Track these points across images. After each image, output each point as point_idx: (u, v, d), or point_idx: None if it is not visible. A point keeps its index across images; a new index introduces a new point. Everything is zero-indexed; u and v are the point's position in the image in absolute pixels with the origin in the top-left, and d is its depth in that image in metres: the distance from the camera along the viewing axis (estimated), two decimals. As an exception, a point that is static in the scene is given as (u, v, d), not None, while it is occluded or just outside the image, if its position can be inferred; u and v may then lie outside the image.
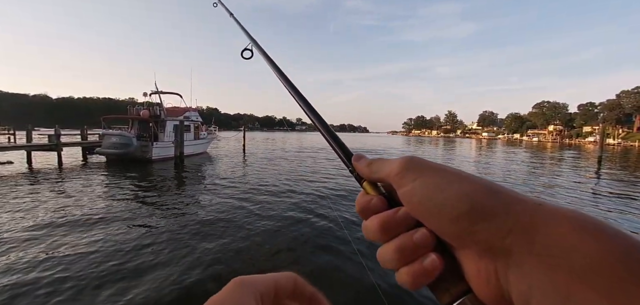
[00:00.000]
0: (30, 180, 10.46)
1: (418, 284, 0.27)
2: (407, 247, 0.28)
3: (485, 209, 0.24)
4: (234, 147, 26.99)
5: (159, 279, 3.85)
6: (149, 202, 7.85)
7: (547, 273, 0.21)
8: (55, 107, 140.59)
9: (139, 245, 4.87)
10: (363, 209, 0.32)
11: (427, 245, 0.27)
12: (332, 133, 0.41)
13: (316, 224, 6.03)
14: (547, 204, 0.23)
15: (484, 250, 0.24)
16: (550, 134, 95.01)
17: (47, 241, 4.99)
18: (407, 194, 0.29)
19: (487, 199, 0.24)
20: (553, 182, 12.78)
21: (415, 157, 0.31)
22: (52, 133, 14.76)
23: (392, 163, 0.31)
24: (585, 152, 37.36)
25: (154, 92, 19.57)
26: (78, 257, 4.41)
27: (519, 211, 0.23)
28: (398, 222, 0.29)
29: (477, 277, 0.25)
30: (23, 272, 3.97)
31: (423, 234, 0.27)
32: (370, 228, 0.31)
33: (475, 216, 0.24)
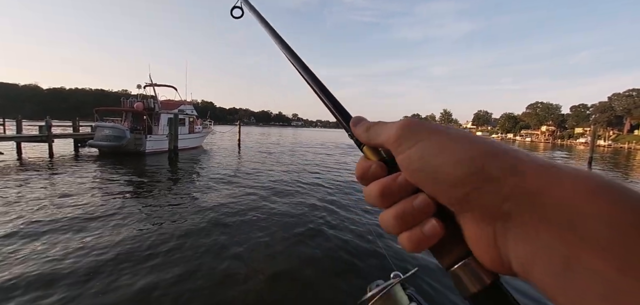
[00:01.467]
0: (19, 172, 10.25)
1: (419, 248, 0.27)
2: (408, 213, 0.27)
3: (484, 173, 0.23)
4: (229, 142, 26.83)
5: (153, 274, 3.81)
6: (141, 195, 7.76)
7: (551, 238, 0.20)
8: (47, 98, 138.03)
9: (130, 240, 4.81)
10: (363, 175, 0.32)
11: (428, 211, 0.27)
12: (330, 94, 0.39)
13: (307, 216, 6.02)
14: (556, 164, 0.22)
15: (484, 214, 0.23)
16: (543, 134, 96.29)
17: (34, 236, 4.89)
18: (405, 160, 0.28)
19: (486, 161, 0.23)
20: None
21: (413, 120, 0.29)
22: (42, 124, 14.47)
23: (390, 128, 0.30)
24: (577, 152, 37.89)
25: (148, 84, 19.28)
26: (67, 252, 4.33)
27: (521, 173, 0.22)
28: (398, 189, 0.28)
29: (478, 241, 0.24)
30: (10, 266, 3.89)
31: (423, 200, 0.27)
32: (370, 194, 0.30)
33: (474, 180, 0.23)
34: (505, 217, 0.22)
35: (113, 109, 19.23)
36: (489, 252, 0.24)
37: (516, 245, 0.22)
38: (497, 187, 0.22)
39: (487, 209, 0.23)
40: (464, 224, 0.26)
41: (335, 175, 11.60)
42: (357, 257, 4.44)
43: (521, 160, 0.23)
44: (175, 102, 20.50)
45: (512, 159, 0.23)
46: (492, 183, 0.23)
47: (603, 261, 0.17)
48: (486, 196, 0.23)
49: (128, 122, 17.97)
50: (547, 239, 0.20)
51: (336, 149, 24.88)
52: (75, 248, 4.42)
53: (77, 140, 17.17)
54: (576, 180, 0.20)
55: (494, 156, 0.24)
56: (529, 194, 0.21)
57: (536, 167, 0.22)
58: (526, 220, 0.21)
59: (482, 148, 0.24)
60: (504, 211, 0.22)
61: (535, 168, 0.22)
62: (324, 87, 0.40)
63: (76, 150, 16.33)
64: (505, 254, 0.23)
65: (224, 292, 3.52)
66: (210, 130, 25.08)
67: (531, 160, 0.23)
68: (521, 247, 0.21)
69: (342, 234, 5.29)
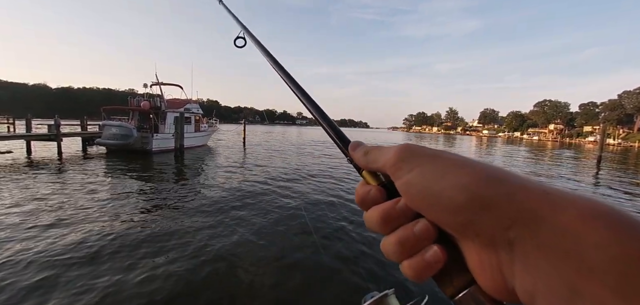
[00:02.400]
0: (29, 170, 10.44)
1: (421, 277, 0.26)
2: (408, 240, 0.27)
3: (485, 199, 0.23)
4: (234, 140, 26.97)
5: (158, 270, 3.87)
6: (148, 193, 7.85)
7: (553, 267, 0.19)
8: (55, 97, 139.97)
9: (137, 237, 4.88)
10: (363, 200, 0.31)
11: (428, 237, 0.26)
12: (329, 120, 0.40)
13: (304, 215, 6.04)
14: (555, 190, 0.22)
15: (487, 242, 0.23)
16: (550, 132, 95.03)
17: (45, 232, 4.99)
18: (404, 186, 0.28)
19: (486, 188, 0.23)
20: (550, 179, 12.77)
21: (412, 145, 0.29)
22: (51, 123, 14.71)
23: (388, 152, 0.30)
24: (585, 151, 37.34)
25: (154, 83, 19.43)
26: (75, 248, 4.41)
27: (522, 200, 0.22)
28: (398, 214, 0.28)
29: (481, 269, 0.24)
30: (22, 263, 3.98)
31: (423, 226, 0.26)
32: (371, 220, 0.30)
33: (475, 207, 0.23)
34: (509, 244, 0.22)
35: (120, 108, 19.39)
36: (493, 280, 0.23)
37: (521, 274, 0.21)
38: (499, 214, 0.22)
39: (491, 236, 0.23)
40: (466, 250, 0.25)
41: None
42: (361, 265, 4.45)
43: (523, 186, 0.22)
44: (181, 100, 20.61)
45: (513, 184, 0.23)
46: (494, 209, 0.22)
47: (606, 290, 0.17)
48: (489, 223, 0.22)
49: (135, 120, 18.16)
50: (551, 268, 0.19)
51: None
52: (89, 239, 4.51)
53: (85, 139, 17.40)
54: (576, 206, 0.20)
55: (495, 182, 0.23)
56: (531, 221, 0.21)
57: (538, 192, 0.22)
58: (530, 248, 0.21)
59: (482, 173, 0.24)
60: (508, 239, 0.22)
61: (537, 194, 0.22)
62: (322, 112, 0.41)
63: (84, 149, 16.57)
64: (510, 282, 0.22)
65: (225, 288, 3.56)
66: (216, 129, 25.21)
67: (533, 186, 0.22)
68: (526, 275, 0.21)
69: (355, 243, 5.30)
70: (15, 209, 6.01)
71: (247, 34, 0.73)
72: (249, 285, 3.68)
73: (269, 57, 0.57)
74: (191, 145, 18.70)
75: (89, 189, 7.92)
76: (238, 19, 0.80)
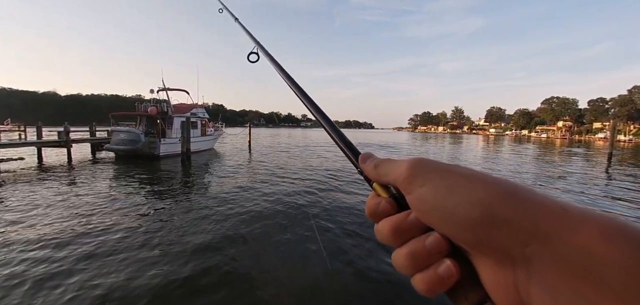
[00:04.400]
0: (41, 176, 10.65)
1: (434, 292, 0.26)
2: (420, 253, 0.26)
3: (501, 215, 0.22)
4: (239, 144, 27.14)
5: (167, 272, 3.92)
6: (157, 198, 7.96)
7: (572, 286, 0.19)
8: (64, 104, 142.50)
9: (148, 239, 4.95)
10: (373, 212, 0.31)
11: (440, 251, 0.26)
12: (339, 131, 0.40)
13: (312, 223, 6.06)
14: (572, 206, 0.21)
15: (502, 258, 0.23)
16: (559, 130, 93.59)
17: (60, 236, 5.09)
18: (416, 200, 0.27)
19: (502, 203, 0.23)
20: (560, 178, 12.59)
21: (423, 159, 0.29)
22: (61, 130, 14.99)
23: (400, 166, 0.29)
24: (595, 148, 36.71)
25: (161, 88, 19.66)
26: (89, 251, 4.50)
27: (540, 216, 0.21)
28: (409, 227, 0.28)
29: (496, 286, 0.23)
30: (36, 264, 4.07)
31: (435, 239, 0.26)
32: (381, 232, 0.30)
33: (490, 223, 0.22)
34: (526, 262, 0.21)
35: (128, 114, 19.65)
36: (508, 298, 0.23)
37: (538, 292, 0.21)
38: (516, 230, 0.22)
39: (507, 253, 0.22)
40: (480, 266, 0.25)
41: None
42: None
43: (539, 202, 0.22)
44: (188, 105, 20.83)
45: (530, 200, 0.22)
46: (511, 226, 0.22)
47: None
48: (505, 239, 0.22)
49: (143, 126, 18.39)
50: (569, 287, 0.19)
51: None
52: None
53: (94, 145, 17.69)
54: (596, 224, 0.19)
55: (511, 197, 0.23)
56: (550, 239, 0.20)
57: (555, 209, 0.21)
58: (548, 266, 0.20)
59: (497, 188, 0.24)
60: (526, 256, 0.21)
61: (555, 210, 0.21)
62: (333, 125, 0.41)
63: (93, 155, 16.84)
64: (526, 301, 0.22)
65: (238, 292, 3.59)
66: (221, 133, 25.39)
67: (550, 202, 0.22)
68: (544, 294, 0.20)
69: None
70: (31, 213, 6.15)
71: (261, 50, 0.75)
72: (253, 291, 3.71)
73: (282, 72, 0.60)
74: (198, 149, 18.86)
75: (98, 193, 8.06)
76: (253, 37, 0.83)
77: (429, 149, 28.53)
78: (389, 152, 23.53)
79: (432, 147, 31.48)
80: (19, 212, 6.31)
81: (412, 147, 30.51)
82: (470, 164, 17.18)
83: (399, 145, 32.70)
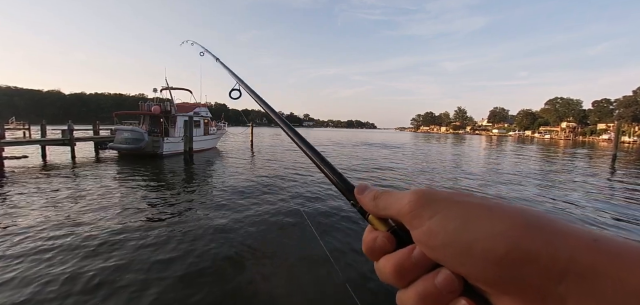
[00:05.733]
0: (45, 173, 10.72)
1: None
2: (430, 294, 0.24)
3: (529, 249, 0.20)
4: (242, 143, 27.20)
5: (170, 271, 3.94)
6: (160, 196, 7.99)
7: None
8: (68, 103, 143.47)
9: (150, 237, 4.98)
10: (370, 249, 0.28)
11: (454, 290, 0.23)
12: (330, 165, 0.37)
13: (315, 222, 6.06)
14: (605, 237, 0.20)
15: (531, 298, 0.20)
16: (563, 131, 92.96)
17: (62, 234, 5.12)
18: (424, 235, 0.24)
19: (527, 236, 0.20)
20: (563, 179, 12.52)
21: (430, 190, 0.26)
22: (65, 128, 15.11)
23: (403, 198, 0.27)
24: (599, 149, 36.44)
25: (164, 88, 19.75)
26: (91, 250, 4.53)
27: (572, 249, 0.19)
28: (415, 264, 0.25)
29: None
30: (40, 263, 4.11)
31: (447, 278, 0.23)
32: (383, 272, 0.27)
33: (517, 259, 0.20)
34: (559, 300, 0.19)
35: (131, 113, 19.76)
36: None
37: None
38: (546, 266, 0.19)
39: (537, 290, 0.20)
40: None
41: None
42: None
43: (569, 233, 0.20)
44: (191, 104, 20.89)
45: (557, 231, 0.20)
46: (539, 261, 0.20)
47: None
48: (534, 276, 0.20)
49: (146, 125, 18.49)
50: None
51: (358, 146, 24.84)
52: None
53: (98, 143, 17.79)
54: (635, 256, 0.18)
55: (536, 228, 0.21)
56: (588, 275, 0.18)
57: (587, 240, 0.19)
58: (583, 304, 0.18)
59: (522, 218, 0.21)
60: (560, 294, 0.19)
61: (587, 242, 0.19)
62: (323, 158, 0.39)
63: (97, 153, 16.94)
64: None
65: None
66: (224, 132, 25.46)
67: (580, 233, 0.20)
68: None
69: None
70: (34, 212, 6.20)
71: (243, 85, 0.76)
72: (254, 288, 3.72)
73: (265, 106, 0.61)
74: (200, 148, 18.90)
75: (102, 191, 8.11)
76: (234, 73, 0.85)
77: (432, 149, 28.42)
78: (392, 151, 23.50)
79: (434, 147, 31.36)
80: (28, 208, 6.36)
81: (414, 147, 30.40)
82: (475, 165, 17.12)
83: (402, 145, 32.59)
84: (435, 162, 17.90)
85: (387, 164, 15.93)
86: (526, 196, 9.12)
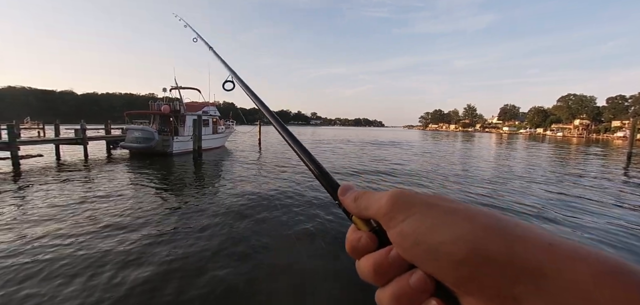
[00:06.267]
0: (59, 172, 11.00)
1: None
2: (405, 293, 0.25)
3: (486, 253, 0.21)
4: (250, 141, 27.38)
5: (174, 265, 4.02)
6: (172, 194, 8.14)
7: None
8: (81, 102, 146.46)
9: (163, 234, 5.08)
10: (353, 248, 0.29)
11: (426, 290, 0.24)
12: (315, 161, 0.38)
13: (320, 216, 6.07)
14: (561, 241, 0.20)
15: (490, 299, 0.21)
16: (575, 128, 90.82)
17: (77, 229, 5.26)
18: (397, 236, 0.26)
19: (487, 240, 0.21)
20: (574, 180, 12.25)
21: (404, 191, 0.27)
22: (78, 128, 15.45)
23: (380, 199, 0.28)
24: (613, 147, 35.52)
25: (173, 87, 20.00)
26: (106, 246, 4.64)
27: (526, 252, 0.20)
28: (391, 264, 0.26)
29: None
30: (59, 259, 4.23)
31: (420, 278, 0.24)
32: (363, 270, 0.28)
33: (476, 261, 0.21)
34: (515, 302, 0.20)
35: (142, 112, 20.05)
36: None
37: None
38: (502, 268, 0.20)
39: (494, 293, 0.21)
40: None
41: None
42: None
43: (525, 236, 0.21)
44: (199, 103, 21.07)
45: (515, 235, 0.21)
46: (497, 264, 0.21)
47: None
48: (492, 278, 0.21)
49: (156, 124, 18.77)
50: None
51: (367, 144, 24.77)
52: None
53: (109, 142, 18.15)
54: (587, 262, 0.19)
55: (496, 232, 0.22)
56: (538, 277, 0.19)
57: (542, 244, 0.20)
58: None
59: (482, 222, 0.22)
60: (514, 295, 0.20)
61: (542, 246, 0.20)
62: (309, 154, 0.40)
63: (108, 152, 17.29)
64: None
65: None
66: (232, 131, 25.66)
67: (536, 237, 0.21)
68: None
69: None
70: (51, 210, 6.37)
71: (236, 78, 0.78)
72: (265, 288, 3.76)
73: (255, 99, 0.63)
74: (209, 146, 19.09)
75: (117, 189, 8.28)
76: (227, 65, 0.85)
77: (441, 148, 28.14)
78: (400, 150, 23.35)
79: (443, 147, 31.04)
80: (48, 205, 6.55)
81: (421, 143, 30.15)
82: (485, 162, 16.89)
83: (410, 143, 32.35)
84: (455, 163, 17.71)
85: (404, 168, 15.81)
86: (535, 199, 8.97)
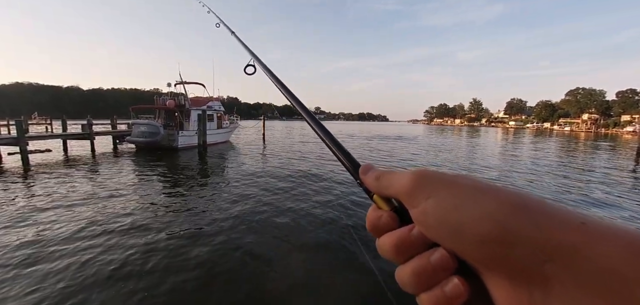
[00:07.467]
0: (67, 166, 11.11)
1: None
2: (425, 271, 0.25)
3: (514, 230, 0.21)
4: (254, 136, 27.43)
5: (181, 259, 4.04)
6: (178, 186, 8.17)
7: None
8: (87, 98, 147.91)
9: (167, 229, 5.11)
10: (374, 226, 0.30)
11: (447, 268, 0.24)
12: (337, 142, 0.39)
13: (325, 216, 6.05)
14: (592, 219, 0.20)
15: (517, 277, 0.21)
16: (584, 123, 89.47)
17: (87, 223, 5.31)
18: (420, 215, 0.26)
19: (514, 217, 0.21)
20: (582, 176, 12.07)
21: (427, 170, 0.27)
22: (84, 123, 15.58)
23: (402, 177, 0.28)
24: (622, 142, 34.96)
25: (178, 82, 20.05)
26: (114, 241, 4.68)
27: (558, 231, 0.20)
28: (413, 242, 0.26)
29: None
30: (67, 254, 4.28)
31: (441, 256, 0.24)
32: (383, 248, 0.28)
33: (503, 239, 0.21)
34: (545, 281, 0.20)
35: (147, 107, 20.15)
36: None
37: None
38: (532, 247, 0.20)
39: (523, 271, 0.21)
40: (492, 285, 0.23)
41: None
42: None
43: (556, 216, 0.21)
44: (204, 98, 21.10)
45: (546, 213, 0.21)
46: (526, 242, 0.20)
47: None
48: (521, 257, 0.20)
49: (161, 119, 18.86)
50: None
51: (374, 139, 24.65)
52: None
53: (116, 137, 18.29)
54: (621, 239, 0.18)
55: (525, 210, 0.21)
56: (570, 256, 0.19)
57: (575, 223, 0.20)
58: (569, 285, 0.19)
59: (509, 200, 0.22)
60: (544, 275, 0.20)
61: (574, 224, 0.20)
62: (331, 135, 0.41)
63: (115, 147, 17.43)
64: None
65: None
66: (237, 125, 25.71)
67: (568, 216, 0.21)
68: None
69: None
70: (63, 201, 6.44)
71: (258, 62, 0.76)
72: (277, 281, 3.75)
73: (278, 83, 0.61)
74: (214, 141, 19.18)
75: (125, 182, 8.35)
76: (250, 49, 0.84)
77: (446, 142, 27.92)
78: (405, 143, 23.23)
79: (449, 141, 30.80)
80: (59, 198, 6.63)
81: (427, 138, 29.96)
82: (489, 158, 16.71)
83: (416, 138, 32.19)
84: (462, 156, 17.55)
85: (412, 162, 15.70)
86: (544, 195, 8.85)
